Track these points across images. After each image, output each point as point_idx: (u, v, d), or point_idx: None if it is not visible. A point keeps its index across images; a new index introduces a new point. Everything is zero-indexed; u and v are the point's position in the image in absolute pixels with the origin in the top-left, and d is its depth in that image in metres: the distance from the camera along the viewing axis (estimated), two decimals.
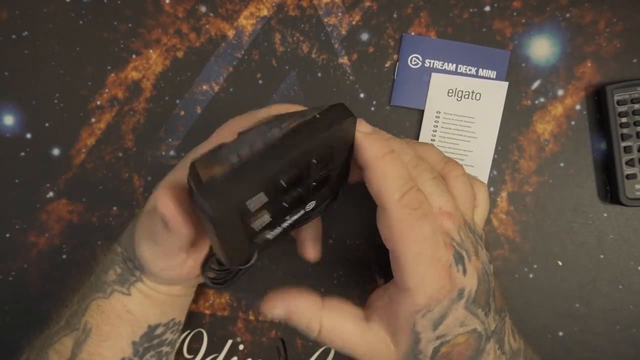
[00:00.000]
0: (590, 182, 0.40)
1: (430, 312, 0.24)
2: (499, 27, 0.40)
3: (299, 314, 0.26)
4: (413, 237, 0.23)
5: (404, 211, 0.23)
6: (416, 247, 0.23)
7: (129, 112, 0.41)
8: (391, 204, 0.24)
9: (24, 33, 0.41)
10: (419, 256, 0.23)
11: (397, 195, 0.23)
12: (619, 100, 0.38)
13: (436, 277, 0.24)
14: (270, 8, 0.41)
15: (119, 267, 0.32)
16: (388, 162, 0.24)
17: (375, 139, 0.24)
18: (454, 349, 0.25)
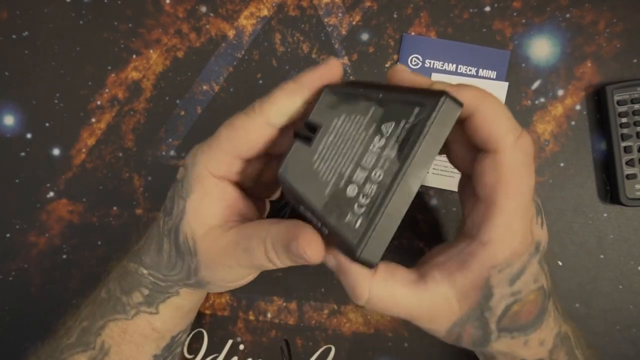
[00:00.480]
0: (590, 182, 0.40)
1: (510, 266, 0.23)
2: (499, 27, 0.40)
3: (349, 274, 0.23)
4: (521, 186, 0.22)
5: (520, 155, 0.22)
6: (519, 198, 0.22)
7: (129, 112, 0.41)
8: (507, 146, 0.22)
9: (24, 33, 0.41)
10: (517, 208, 0.22)
11: (513, 137, 0.22)
12: (619, 100, 0.38)
13: (523, 231, 0.22)
14: (270, 8, 0.41)
15: (146, 288, 0.30)
16: (496, 101, 0.22)
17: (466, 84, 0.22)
18: (524, 307, 0.24)
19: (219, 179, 0.27)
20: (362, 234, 0.20)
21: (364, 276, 0.23)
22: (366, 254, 0.20)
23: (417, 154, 0.19)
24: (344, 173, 0.21)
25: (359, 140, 0.21)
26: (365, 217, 0.20)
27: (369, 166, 0.20)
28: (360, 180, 0.21)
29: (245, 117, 0.26)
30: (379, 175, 0.20)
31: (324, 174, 0.22)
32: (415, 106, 0.20)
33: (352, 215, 0.20)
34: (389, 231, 0.19)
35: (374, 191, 0.20)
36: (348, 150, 0.22)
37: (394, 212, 0.19)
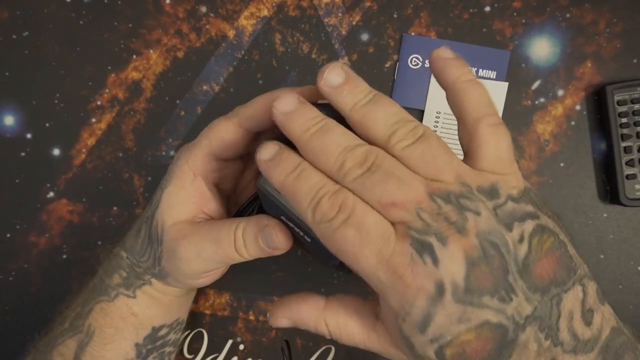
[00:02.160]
0: (590, 182, 0.40)
1: (409, 315, 0.21)
2: (499, 27, 0.40)
3: (304, 321, 0.25)
4: (343, 249, 0.21)
5: (321, 227, 0.21)
6: (352, 256, 0.21)
7: (129, 112, 0.41)
8: (310, 225, 0.22)
9: (24, 33, 0.41)
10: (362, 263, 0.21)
11: (310, 213, 0.21)
12: (619, 101, 0.38)
13: (391, 279, 0.20)
14: (270, 8, 0.41)
15: (125, 271, 0.32)
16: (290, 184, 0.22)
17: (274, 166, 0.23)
18: (464, 348, 0.21)
19: (196, 176, 0.29)
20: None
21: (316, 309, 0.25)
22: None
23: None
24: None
25: None
26: None
27: None
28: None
29: (224, 118, 0.29)
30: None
31: None
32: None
33: None
34: None
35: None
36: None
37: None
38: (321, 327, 0.25)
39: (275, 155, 0.23)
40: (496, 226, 0.21)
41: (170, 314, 0.33)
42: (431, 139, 0.22)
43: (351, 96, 0.23)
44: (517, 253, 0.21)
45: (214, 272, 0.31)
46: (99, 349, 0.31)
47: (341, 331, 0.25)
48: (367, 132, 0.22)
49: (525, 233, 0.21)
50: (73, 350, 0.31)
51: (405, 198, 0.20)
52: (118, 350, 0.31)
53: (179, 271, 0.29)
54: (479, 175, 0.22)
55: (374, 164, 0.21)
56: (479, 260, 0.20)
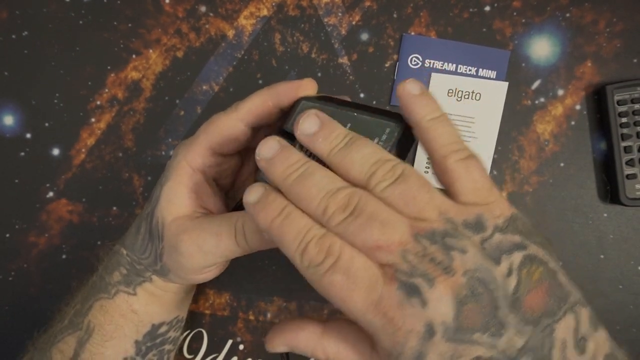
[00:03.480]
0: (590, 182, 0.40)
1: (401, 355, 0.21)
2: (499, 27, 0.40)
3: (301, 348, 0.25)
4: (332, 293, 0.21)
5: (309, 272, 0.22)
6: (340, 300, 0.21)
7: (129, 112, 0.41)
8: (298, 268, 0.22)
9: (24, 33, 0.41)
10: (351, 307, 0.21)
11: (298, 258, 0.22)
12: (619, 100, 0.38)
13: (381, 322, 0.20)
14: (270, 8, 0.41)
15: (125, 268, 0.32)
16: (277, 228, 0.22)
17: (260, 209, 0.23)
18: None
19: (195, 171, 0.29)
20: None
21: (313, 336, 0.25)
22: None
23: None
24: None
25: None
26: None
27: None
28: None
29: (223, 113, 0.29)
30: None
31: None
32: (386, 127, 0.24)
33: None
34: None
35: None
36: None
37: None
38: (318, 355, 0.25)
39: (261, 198, 0.23)
40: (483, 262, 0.21)
41: (170, 311, 0.34)
42: (411, 177, 0.22)
43: (326, 142, 0.23)
44: (506, 287, 0.21)
45: (215, 267, 0.31)
46: (99, 346, 0.31)
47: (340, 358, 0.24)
48: (347, 176, 0.23)
49: (514, 265, 0.21)
50: (72, 348, 0.31)
51: (390, 241, 0.21)
52: (118, 348, 0.31)
53: (181, 266, 0.29)
54: (462, 209, 0.22)
55: (357, 208, 0.21)
56: (467, 298, 0.20)
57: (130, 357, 0.32)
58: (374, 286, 0.21)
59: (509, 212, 0.22)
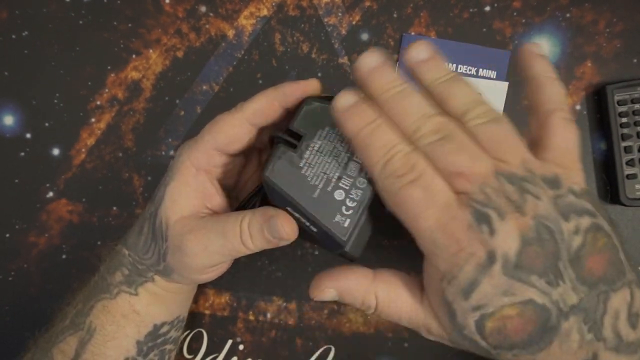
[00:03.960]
0: (590, 182, 0.40)
1: (455, 278, 0.21)
2: (499, 27, 0.40)
3: (352, 292, 0.25)
4: (406, 206, 0.22)
5: (388, 180, 0.22)
6: (413, 215, 0.22)
7: (129, 112, 0.41)
8: (375, 176, 0.23)
9: (24, 33, 0.41)
10: (422, 223, 0.22)
11: (379, 166, 0.22)
12: (619, 100, 0.38)
13: (447, 241, 0.21)
14: (270, 8, 0.41)
15: (127, 268, 0.32)
16: (365, 136, 0.23)
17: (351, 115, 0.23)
18: (505, 323, 0.21)
19: (200, 171, 0.29)
20: (351, 231, 0.25)
21: (365, 280, 0.25)
22: (352, 248, 0.25)
23: None
24: (331, 179, 0.25)
25: (344, 151, 0.26)
26: (352, 217, 0.25)
27: (354, 174, 0.25)
28: (346, 186, 0.25)
29: (228, 113, 0.29)
30: (363, 183, 0.25)
31: (312, 179, 0.26)
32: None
33: (340, 215, 0.25)
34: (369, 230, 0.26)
35: (359, 196, 0.25)
36: (334, 159, 0.26)
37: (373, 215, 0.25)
38: (369, 299, 0.25)
39: (353, 105, 0.24)
40: (554, 213, 0.21)
41: (172, 311, 0.33)
42: (504, 122, 0.23)
43: (433, 71, 0.24)
44: (571, 243, 0.21)
45: (220, 267, 0.31)
46: (100, 346, 0.31)
47: (390, 304, 0.25)
48: (445, 105, 0.23)
49: (582, 227, 0.21)
50: (74, 348, 0.31)
51: (473, 171, 0.22)
52: (119, 348, 0.31)
53: (185, 266, 0.29)
54: (543, 165, 0.23)
55: (448, 135, 0.22)
56: (532, 240, 0.21)
57: (131, 357, 0.32)
58: (448, 207, 0.21)
59: (585, 185, 0.23)
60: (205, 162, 0.29)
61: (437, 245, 0.22)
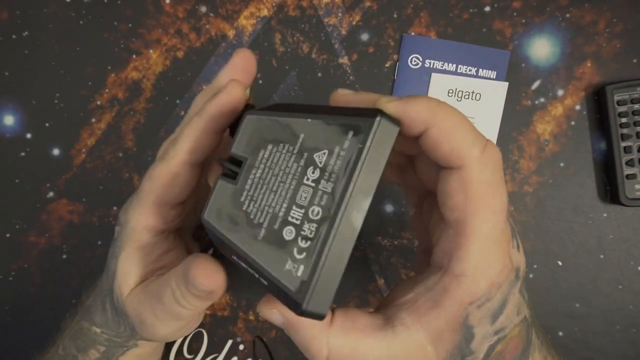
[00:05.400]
0: (590, 182, 0.40)
1: (490, 300, 0.19)
2: (499, 27, 0.40)
3: (300, 329, 0.20)
4: (494, 205, 0.18)
5: (488, 170, 0.18)
6: (493, 219, 0.18)
7: (129, 112, 0.41)
8: (473, 161, 0.18)
9: (24, 33, 0.41)
10: (492, 231, 0.18)
11: (478, 150, 0.18)
12: (619, 100, 0.38)
13: (501, 257, 0.19)
14: (270, 8, 0.41)
15: (102, 345, 0.29)
16: (453, 110, 0.19)
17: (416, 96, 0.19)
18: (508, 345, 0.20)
19: (152, 233, 0.26)
20: (306, 282, 0.17)
21: (319, 330, 0.20)
22: (313, 305, 0.17)
23: (356, 185, 0.17)
24: (277, 213, 0.19)
25: (291, 174, 0.19)
26: (307, 262, 0.18)
27: (305, 203, 0.18)
28: (297, 221, 0.18)
29: (161, 163, 0.24)
30: (317, 213, 0.18)
31: (255, 216, 0.20)
32: (349, 130, 0.18)
33: (291, 261, 0.18)
34: (335, 275, 0.17)
35: (313, 232, 0.18)
36: (280, 186, 0.19)
37: (338, 253, 0.17)
38: (316, 349, 0.20)
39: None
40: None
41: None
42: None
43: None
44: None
45: (190, 324, 0.27)
46: None
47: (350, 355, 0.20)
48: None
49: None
50: None
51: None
52: None
53: (154, 335, 0.27)
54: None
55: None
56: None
57: None
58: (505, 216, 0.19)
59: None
60: (161, 221, 0.25)
61: (489, 261, 0.19)
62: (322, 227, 0.17)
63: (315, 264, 0.17)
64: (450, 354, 0.20)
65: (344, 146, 0.18)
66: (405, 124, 0.19)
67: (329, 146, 0.18)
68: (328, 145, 0.18)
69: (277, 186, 0.19)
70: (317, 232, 0.17)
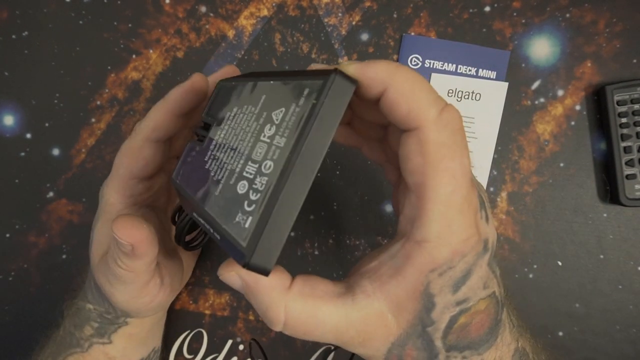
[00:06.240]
0: (590, 182, 0.40)
1: (452, 269, 0.19)
2: (499, 27, 0.40)
3: (258, 292, 0.20)
4: (453, 168, 0.18)
5: (446, 131, 0.18)
6: (453, 182, 0.18)
7: (129, 112, 0.41)
8: (429, 122, 0.18)
9: (24, 33, 0.41)
10: (451, 195, 0.18)
11: (435, 111, 0.18)
12: (619, 101, 0.38)
13: (465, 225, 0.18)
14: (270, 8, 0.41)
15: (95, 322, 0.31)
16: (411, 72, 0.18)
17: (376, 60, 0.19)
18: (473, 318, 0.20)
19: (125, 206, 0.28)
20: (252, 233, 0.17)
21: (277, 293, 0.19)
22: (258, 258, 0.17)
23: (307, 139, 0.17)
24: (234, 169, 0.19)
25: (250, 132, 0.19)
26: (255, 214, 0.17)
27: (259, 158, 0.18)
28: (250, 175, 0.18)
29: (128, 140, 0.27)
30: (269, 167, 0.18)
31: (215, 173, 0.20)
32: (305, 88, 0.18)
33: (241, 214, 0.18)
34: (282, 230, 0.17)
35: (264, 185, 0.17)
36: (239, 144, 0.20)
37: (287, 207, 0.17)
38: (274, 313, 0.19)
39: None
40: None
41: (147, 345, 0.33)
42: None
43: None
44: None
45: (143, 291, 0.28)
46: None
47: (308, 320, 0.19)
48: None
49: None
50: None
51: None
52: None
53: (118, 304, 0.28)
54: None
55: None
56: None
57: None
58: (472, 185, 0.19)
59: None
60: (130, 193, 0.28)
61: (451, 228, 0.18)
62: (271, 180, 0.17)
63: (263, 216, 0.17)
64: (410, 324, 0.20)
65: (299, 103, 0.18)
66: (365, 85, 0.19)
67: (286, 104, 0.18)
68: (285, 104, 0.18)
69: (237, 144, 0.20)
70: (266, 184, 0.17)
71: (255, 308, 0.20)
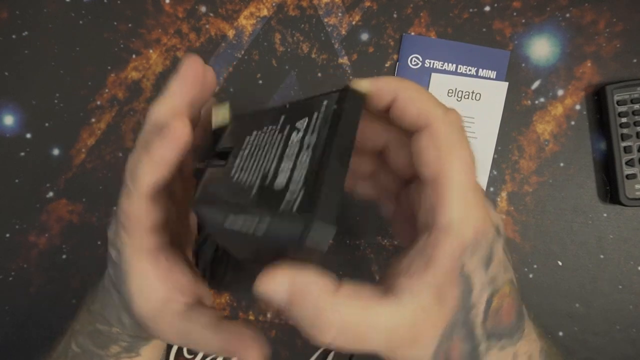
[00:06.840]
0: (590, 182, 0.40)
1: (480, 247, 0.20)
2: (499, 27, 0.40)
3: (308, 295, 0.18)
4: (465, 156, 0.20)
5: (452, 127, 0.21)
6: (466, 168, 0.20)
7: (129, 112, 0.41)
8: (438, 120, 0.20)
9: (24, 33, 0.41)
10: (467, 180, 0.20)
11: (441, 110, 0.21)
12: (619, 100, 0.38)
13: (480, 206, 0.20)
14: (270, 8, 0.41)
15: (124, 342, 0.30)
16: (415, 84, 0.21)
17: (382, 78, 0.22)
18: (503, 302, 0.21)
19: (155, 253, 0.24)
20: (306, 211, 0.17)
21: (328, 296, 0.18)
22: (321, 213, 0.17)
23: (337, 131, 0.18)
24: (267, 172, 0.19)
25: (277, 142, 0.21)
26: (304, 191, 0.17)
27: (293, 154, 0.19)
28: (288, 171, 0.19)
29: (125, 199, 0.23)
30: (305, 159, 0.18)
31: (246, 181, 0.20)
32: (323, 101, 0.20)
33: (286, 202, 0.18)
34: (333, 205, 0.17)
35: (304, 174, 0.18)
36: (267, 153, 0.20)
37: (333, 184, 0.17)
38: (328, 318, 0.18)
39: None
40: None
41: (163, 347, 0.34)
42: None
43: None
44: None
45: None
46: None
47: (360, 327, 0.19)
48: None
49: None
50: None
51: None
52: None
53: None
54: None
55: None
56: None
57: None
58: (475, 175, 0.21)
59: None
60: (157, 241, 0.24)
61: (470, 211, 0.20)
62: (312, 167, 0.18)
63: (315, 183, 0.17)
64: (454, 311, 0.20)
65: (321, 110, 0.20)
66: (376, 94, 0.21)
67: (309, 114, 0.20)
68: (307, 114, 0.20)
69: (266, 153, 0.21)
70: (307, 172, 0.18)
71: (299, 320, 0.19)
